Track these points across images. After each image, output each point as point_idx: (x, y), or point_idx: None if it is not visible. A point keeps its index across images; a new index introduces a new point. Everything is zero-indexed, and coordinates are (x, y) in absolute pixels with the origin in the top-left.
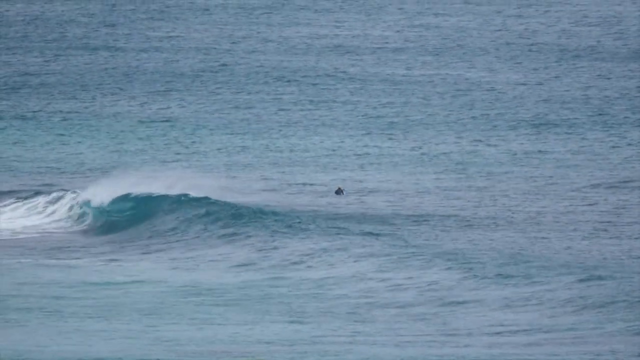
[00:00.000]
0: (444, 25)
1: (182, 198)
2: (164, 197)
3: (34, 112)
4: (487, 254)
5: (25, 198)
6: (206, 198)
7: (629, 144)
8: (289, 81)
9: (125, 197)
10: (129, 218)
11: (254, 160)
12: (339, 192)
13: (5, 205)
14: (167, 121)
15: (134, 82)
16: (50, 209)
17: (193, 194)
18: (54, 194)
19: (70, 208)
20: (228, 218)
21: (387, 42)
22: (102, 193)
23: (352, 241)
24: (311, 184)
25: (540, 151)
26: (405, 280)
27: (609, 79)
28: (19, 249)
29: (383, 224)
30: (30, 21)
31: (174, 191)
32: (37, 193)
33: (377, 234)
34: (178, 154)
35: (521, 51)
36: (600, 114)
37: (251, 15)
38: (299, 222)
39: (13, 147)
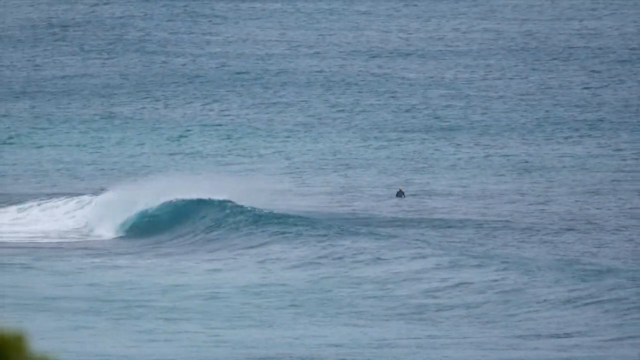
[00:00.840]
0: (506, 29)
1: (240, 202)
2: (221, 201)
3: (95, 114)
4: (549, 256)
5: (77, 195)
6: (263, 201)
7: None
8: (349, 84)
9: (183, 200)
10: (186, 221)
11: (315, 164)
12: (399, 194)
13: (58, 200)
14: (226, 125)
15: (195, 84)
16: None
17: (252, 196)
18: (102, 194)
19: (126, 209)
20: (289, 220)
21: (449, 46)
22: (159, 196)
23: (412, 242)
24: (372, 187)
25: (602, 155)
26: (467, 281)
27: None
28: (82, 251)
29: (443, 226)
30: (88, 22)
31: (232, 194)
32: (87, 194)
33: (437, 236)
34: (240, 156)
35: (586, 55)
36: None
37: (311, 19)
38: (360, 224)
39: (75, 150)
